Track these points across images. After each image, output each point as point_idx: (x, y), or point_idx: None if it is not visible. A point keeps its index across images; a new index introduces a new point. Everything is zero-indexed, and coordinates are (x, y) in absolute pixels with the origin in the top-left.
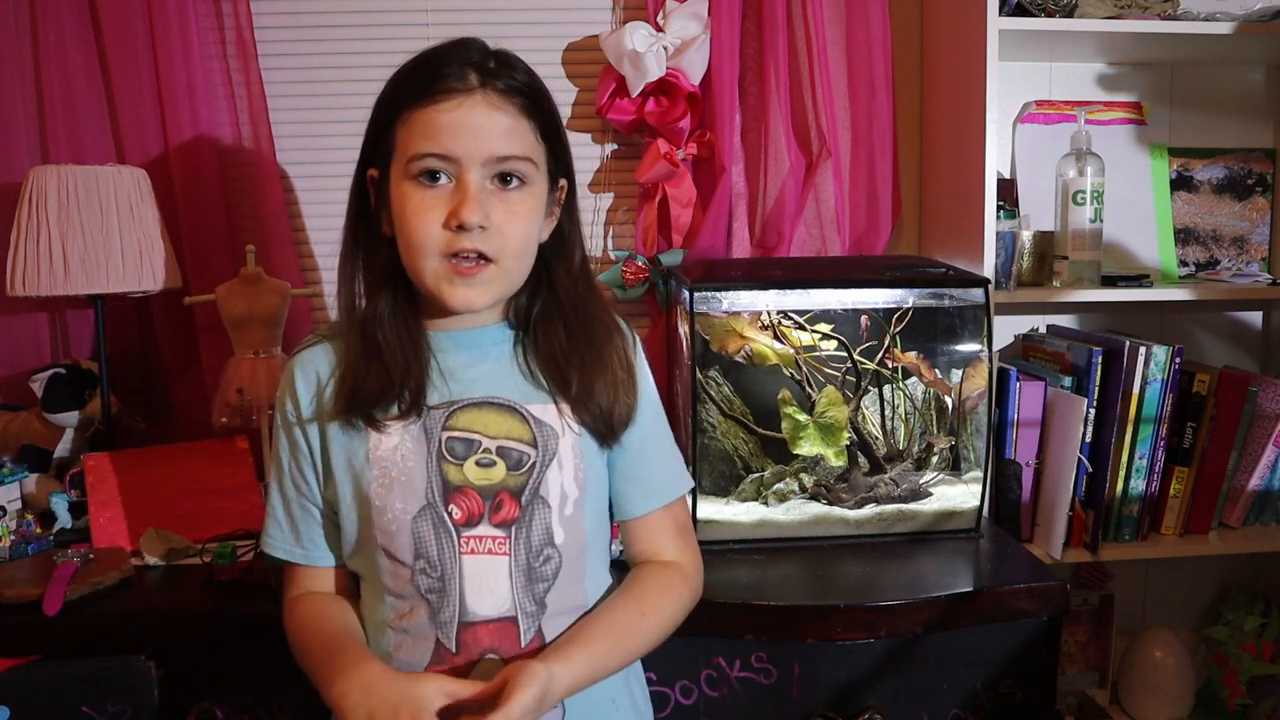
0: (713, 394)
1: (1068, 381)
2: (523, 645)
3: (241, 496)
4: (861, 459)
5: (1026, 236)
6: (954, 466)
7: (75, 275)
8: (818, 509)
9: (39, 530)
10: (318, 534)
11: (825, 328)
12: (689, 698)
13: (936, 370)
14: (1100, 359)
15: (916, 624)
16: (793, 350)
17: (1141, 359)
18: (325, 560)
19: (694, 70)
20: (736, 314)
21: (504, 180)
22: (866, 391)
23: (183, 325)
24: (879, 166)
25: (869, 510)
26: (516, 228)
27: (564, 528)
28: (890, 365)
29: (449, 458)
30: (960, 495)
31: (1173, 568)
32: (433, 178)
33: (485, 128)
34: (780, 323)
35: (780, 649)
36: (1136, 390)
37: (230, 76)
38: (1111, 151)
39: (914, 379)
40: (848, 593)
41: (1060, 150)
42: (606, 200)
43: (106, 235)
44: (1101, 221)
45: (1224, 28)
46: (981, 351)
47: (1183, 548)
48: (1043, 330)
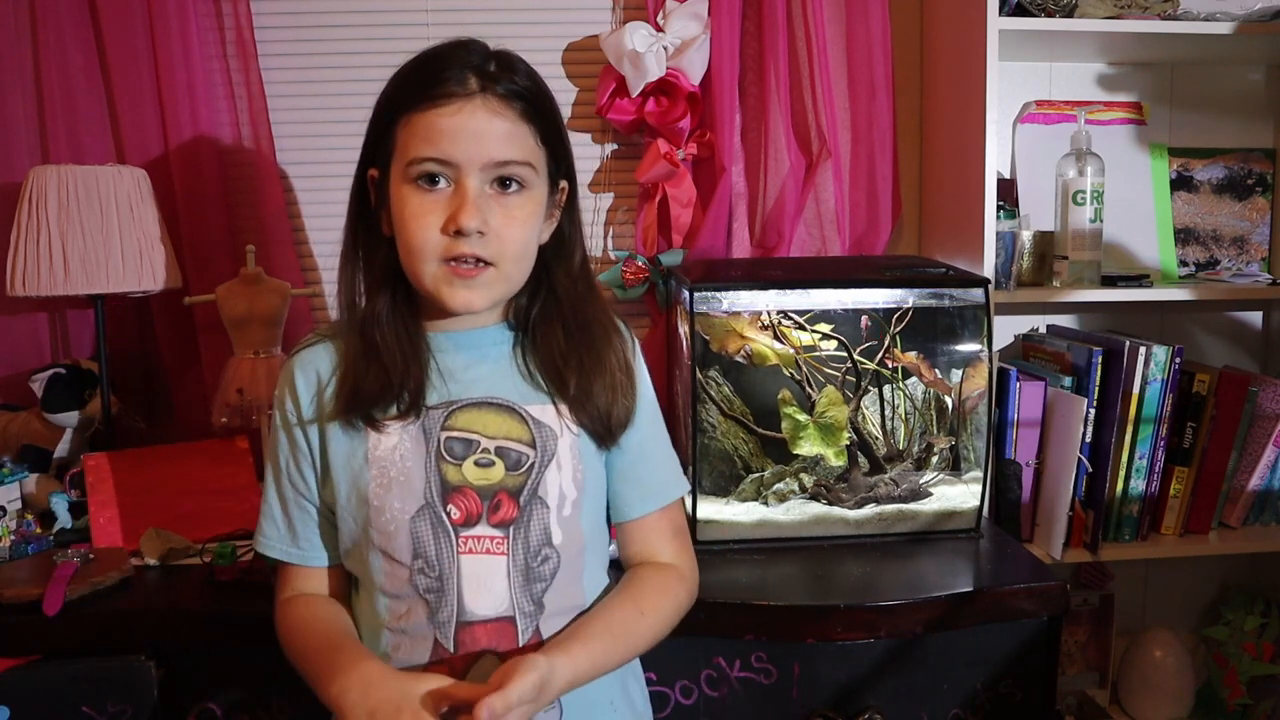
0: (713, 394)
1: (1068, 381)
2: (520, 645)
3: (241, 496)
4: (861, 459)
5: (1026, 236)
6: (954, 466)
7: (75, 275)
8: (818, 509)
9: (39, 530)
10: (314, 534)
11: (825, 328)
12: (689, 698)
13: (936, 370)
14: (1100, 359)
15: (916, 624)
16: (793, 350)
17: (1141, 359)
18: (320, 560)
19: (694, 70)
20: (736, 314)
21: (503, 185)
22: (866, 391)
23: (183, 325)
24: (879, 166)
25: (869, 510)
26: (515, 232)
27: (562, 528)
28: (890, 365)
29: (448, 458)
30: (960, 495)
31: (1173, 568)
32: (432, 181)
33: (484, 132)
34: (780, 323)
35: (780, 649)
36: (1136, 390)
37: (230, 76)
38: (1111, 151)
39: (914, 379)
40: (848, 593)
41: (1060, 150)
42: (606, 200)
43: (106, 235)
44: (1101, 221)
45: (1224, 28)
46: (981, 351)
47: (1183, 548)
48: (1043, 330)
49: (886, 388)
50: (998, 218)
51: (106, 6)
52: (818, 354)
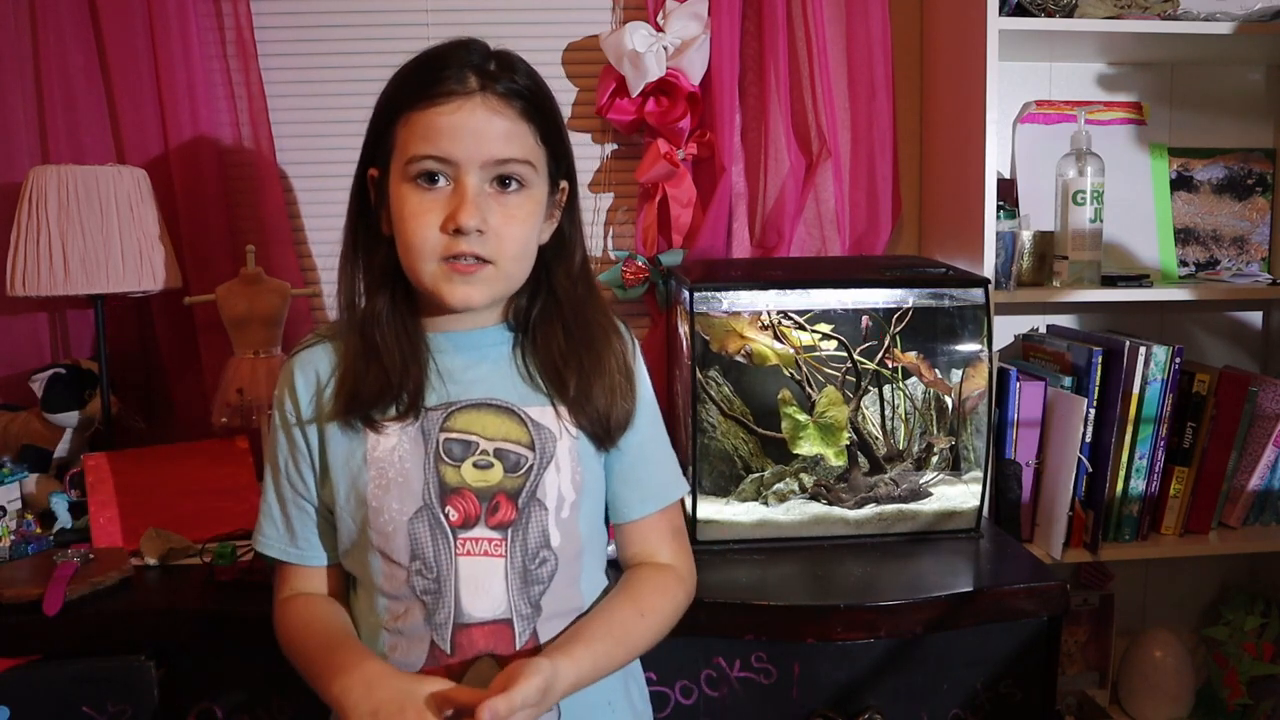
0: (713, 394)
1: (1068, 381)
2: (517, 648)
3: (241, 496)
4: (861, 459)
5: (1026, 236)
6: (954, 466)
7: (75, 275)
8: (818, 509)
9: (39, 530)
10: (312, 534)
11: (825, 328)
12: (689, 698)
13: (936, 370)
14: (1100, 359)
15: (916, 624)
16: (793, 350)
17: (1141, 359)
18: (319, 560)
19: (694, 70)
20: (736, 314)
21: (503, 183)
22: (866, 391)
23: (183, 325)
24: (879, 166)
25: (869, 510)
26: (514, 231)
27: (560, 530)
28: (890, 365)
29: (446, 459)
30: (960, 495)
31: (1173, 568)
32: (431, 180)
33: (484, 130)
34: (780, 323)
35: (780, 649)
36: (1136, 390)
37: (230, 76)
38: (1111, 151)
39: (914, 379)
40: (848, 593)
41: (1060, 150)
42: (606, 200)
43: (106, 235)
44: (1101, 221)
45: (1224, 28)
46: (981, 351)
47: (1183, 548)
48: (1043, 330)
49: (886, 388)
50: (998, 218)
51: (106, 6)
52: (818, 354)
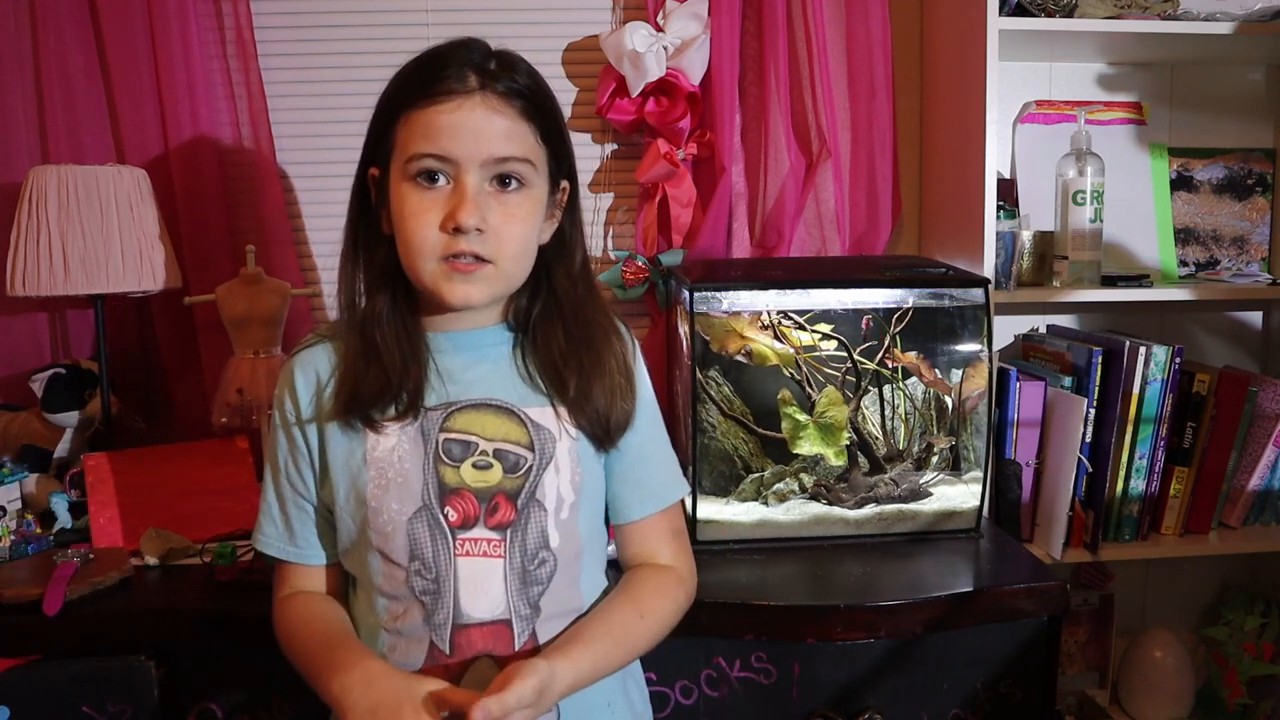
0: (713, 394)
1: (1068, 381)
2: (516, 648)
3: (241, 496)
4: (861, 459)
5: (1026, 236)
6: (954, 466)
7: (75, 275)
8: (818, 509)
9: (39, 530)
10: (312, 533)
11: (825, 328)
12: (689, 698)
13: (936, 370)
14: (1100, 359)
15: (916, 624)
16: (793, 350)
17: (1141, 359)
18: (318, 559)
19: (694, 70)
20: (736, 314)
21: (503, 182)
22: (866, 391)
23: (183, 325)
24: (879, 166)
25: (869, 510)
26: (514, 230)
27: (559, 531)
28: (890, 365)
29: (446, 460)
30: (960, 495)
31: (1173, 568)
32: (431, 179)
33: (484, 129)
34: (780, 323)
35: (780, 649)
36: (1136, 390)
37: (230, 76)
38: (1111, 151)
39: (914, 379)
40: (848, 593)
41: (1060, 150)
42: (606, 200)
43: (106, 235)
44: (1101, 221)
45: (1224, 28)
46: (981, 351)
47: (1182, 548)
48: (1043, 330)
49: (886, 388)
50: (998, 218)
51: (106, 6)
52: (818, 354)
